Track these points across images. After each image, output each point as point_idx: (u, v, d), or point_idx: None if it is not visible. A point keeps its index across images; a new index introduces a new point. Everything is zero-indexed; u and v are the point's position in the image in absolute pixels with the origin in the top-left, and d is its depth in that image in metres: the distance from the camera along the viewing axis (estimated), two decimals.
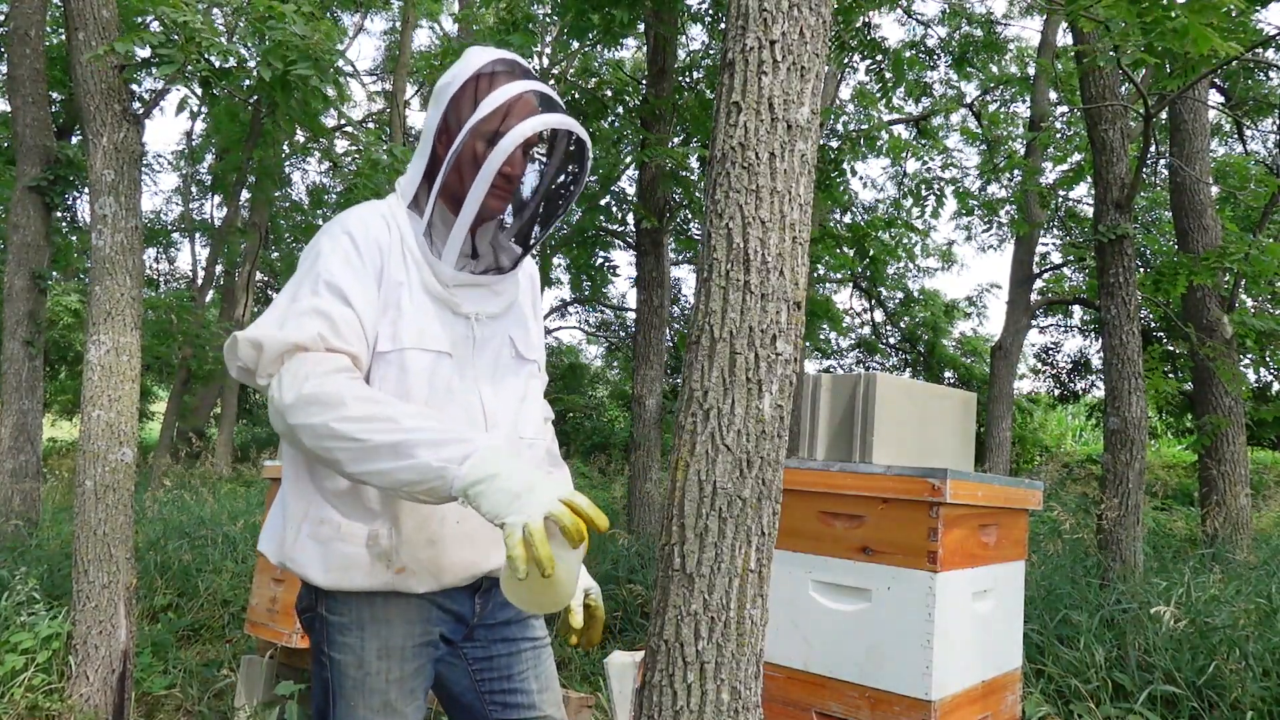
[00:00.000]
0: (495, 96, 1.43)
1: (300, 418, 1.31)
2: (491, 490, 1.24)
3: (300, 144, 10.89)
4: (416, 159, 1.54)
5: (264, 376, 1.38)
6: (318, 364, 1.35)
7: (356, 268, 1.43)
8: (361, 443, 1.28)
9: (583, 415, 17.69)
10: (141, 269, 3.77)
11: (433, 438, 1.28)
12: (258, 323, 1.40)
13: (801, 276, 1.59)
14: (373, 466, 1.29)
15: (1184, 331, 7.18)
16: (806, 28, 1.59)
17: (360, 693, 1.45)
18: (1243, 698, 3.29)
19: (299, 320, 1.37)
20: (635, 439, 6.52)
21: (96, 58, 3.52)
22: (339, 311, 1.39)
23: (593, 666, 4.15)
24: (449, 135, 1.49)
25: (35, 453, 5.97)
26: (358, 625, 1.46)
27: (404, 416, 1.30)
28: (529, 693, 1.61)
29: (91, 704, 3.45)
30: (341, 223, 1.48)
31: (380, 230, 1.48)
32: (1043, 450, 16.02)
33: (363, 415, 1.29)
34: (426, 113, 1.56)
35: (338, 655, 1.46)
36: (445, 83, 1.51)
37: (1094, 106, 5.53)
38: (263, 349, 1.36)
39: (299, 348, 1.36)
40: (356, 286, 1.42)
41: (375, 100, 18.32)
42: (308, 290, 1.41)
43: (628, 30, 6.65)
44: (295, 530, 1.46)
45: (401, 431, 1.27)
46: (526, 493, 1.24)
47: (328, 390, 1.31)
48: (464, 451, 1.27)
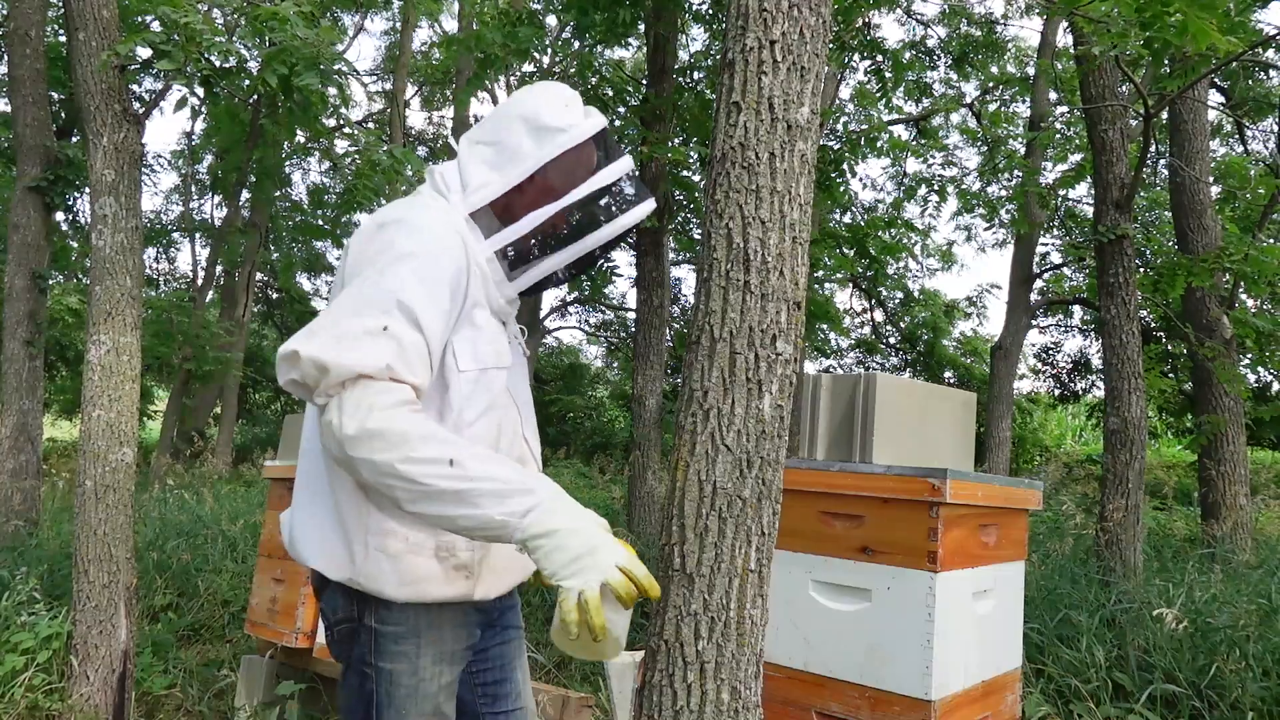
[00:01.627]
0: (611, 173, 1.50)
1: (362, 452, 1.26)
2: (551, 548, 1.24)
3: (300, 144, 10.88)
4: (485, 170, 1.52)
5: (322, 397, 1.31)
6: (382, 395, 1.29)
7: (432, 289, 1.37)
8: (425, 486, 1.25)
9: (583, 415, 17.69)
10: (141, 269, 3.77)
11: (497, 488, 1.26)
12: (315, 335, 1.31)
13: (801, 276, 1.59)
14: (433, 510, 1.27)
15: (1183, 331, 7.18)
16: (806, 28, 1.59)
17: (413, 701, 1.44)
18: (1243, 698, 3.29)
19: (367, 344, 1.30)
20: (635, 439, 6.51)
21: (102, 65, 3.52)
22: (409, 337, 1.32)
23: (593, 666, 4.14)
24: (545, 184, 1.50)
25: (35, 453, 5.97)
26: (413, 634, 1.44)
27: (469, 461, 1.27)
28: (516, 683, 1.64)
29: (92, 704, 3.45)
30: (418, 234, 1.41)
31: (457, 250, 1.44)
32: (1043, 450, 16.02)
33: (428, 458, 1.25)
34: (511, 132, 1.52)
35: (390, 665, 1.44)
36: (555, 127, 1.50)
37: (1094, 106, 5.53)
38: (327, 372, 1.29)
39: (364, 375, 1.29)
40: (430, 311, 1.36)
41: (375, 100, 18.33)
42: (378, 307, 1.33)
43: (629, 30, 6.65)
44: (362, 546, 1.42)
45: (467, 480, 1.25)
46: (588, 555, 1.24)
47: (394, 427, 1.26)
48: (527, 505, 1.25)
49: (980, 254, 44.19)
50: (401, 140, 13.47)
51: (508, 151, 1.51)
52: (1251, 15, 4.88)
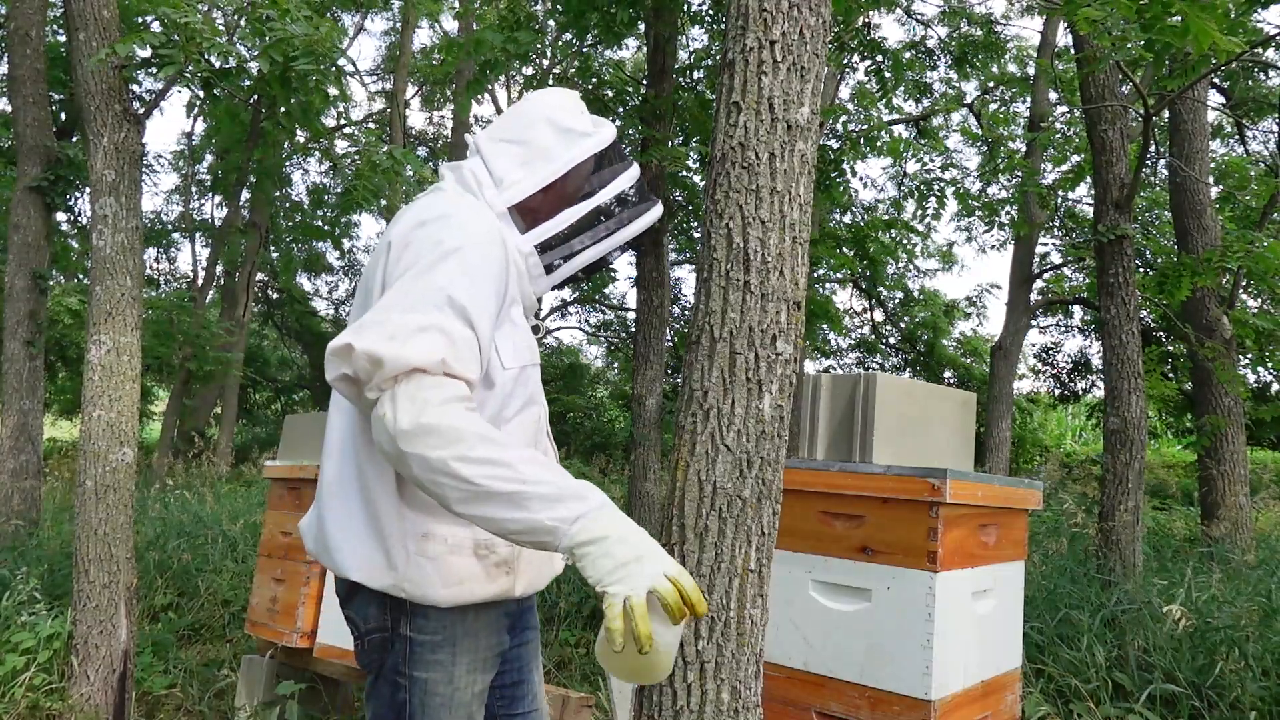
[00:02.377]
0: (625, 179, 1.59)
1: (416, 447, 1.25)
2: (598, 554, 1.22)
3: (300, 144, 10.88)
4: (516, 169, 1.55)
5: (374, 391, 1.29)
6: (436, 390, 1.27)
7: (482, 286, 1.38)
8: (477, 487, 1.23)
9: (583, 415, 17.70)
10: (142, 269, 3.77)
11: (549, 492, 1.24)
12: (366, 330, 1.30)
13: (801, 276, 1.59)
14: (482, 511, 1.25)
15: (1183, 331, 7.18)
16: (806, 28, 1.59)
17: (448, 710, 1.43)
18: (1243, 698, 3.29)
19: (420, 338, 1.29)
20: (635, 439, 6.51)
21: (99, 63, 3.52)
22: (461, 333, 1.32)
23: (593, 666, 4.15)
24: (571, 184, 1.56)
25: (35, 453, 5.97)
26: (450, 641, 1.43)
27: (522, 464, 1.25)
28: (532, 684, 1.63)
29: (92, 704, 3.45)
30: (465, 230, 1.41)
31: (499, 245, 1.45)
32: (1043, 450, 16.02)
33: (483, 458, 1.24)
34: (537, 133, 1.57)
35: (425, 674, 1.42)
36: (581, 131, 1.56)
37: (1094, 107, 5.53)
38: (382, 365, 1.27)
39: (418, 369, 1.28)
40: (480, 307, 1.36)
41: (375, 100, 18.33)
42: (430, 304, 1.32)
43: (628, 30, 6.65)
44: (403, 551, 1.39)
45: (519, 482, 1.24)
46: (634, 562, 1.22)
47: (449, 424, 1.25)
48: (577, 511, 1.24)
49: (981, 254, 44.20)
50: (401, 140, 13.47)
51: (536, 151, 1.54)
52: (1251, 15, 4.87)
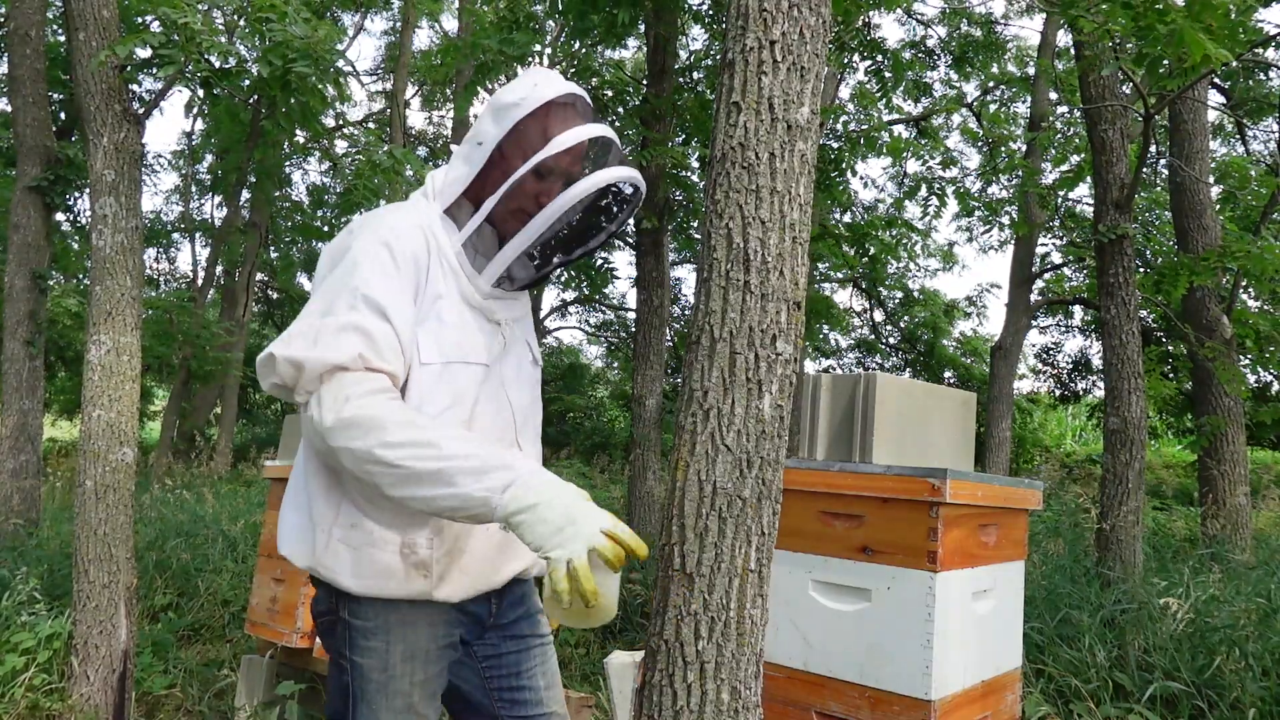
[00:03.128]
0: (568, 137, 1.42)
1: (341, 441, 1.30)
2: (533, 521, 1.24)
3: (300, 144, 10.88)
4: (460, 165, 1.52)
5: (302, 394, 1.36)
6: (357, 384, 1.33)
7: (394, 282, 1.40)
8: (403, 469, 1.27)
9: (583, 415, 17.70)
10: (142, 269, 3.77)
11: (474, 465, 1.27)
12: (291, 338, 1.36)
13: (801, 276, 1.59)
14: (414, 492, 1.28)
15: (1183, 331, 7.18)
16: (806, 28, 1.59)
17: (384, 696, 1.45)
18: (1243, 697, 3.29)
19: (337, 337, 1.34)
20: (635, 439, 6.51)
21: (99, 64, 3.52)
22: (378, 328, 1.36)
23: (593, 666, 4.15)
24: (506, 161, 1.47)
25: (35, 452, 5.97)
26: (383, 629, 1.46)
27: (445, 442, 1.29)
28: (536, 689, 1.62)
29: (92, 704, 3.45)
30: (377, 231, 1.43)
31: (418, 243, 1.45)
32: (1043, 450, 16.02)
33: (404, 441, 1.27)
34: (480, 121, 1.51)
35: (361, 659, 1.46)
36: (510, 102, 1.47)
37: (1094, 107, 5.53)
38: (303, 369, 1.34)
39: (339, 368, 1.34)
40: (395, 301, 1.39)
41: (375, 100, 18.33)
42: (344, 304, 1.37)
43: (629, 30, 6.65)
44: (326, 535, 1.45)
45: (443, 459, 1.27)
46: (569, 525, 1.24)
47: (369, 414, 1.29)
48: (505, 480, 1.26)
49: (981, 254, 44.21)
50: (401, 140, 13.47)
51: (475, 139, 1.51)
52: (1252, 15, 4.87)
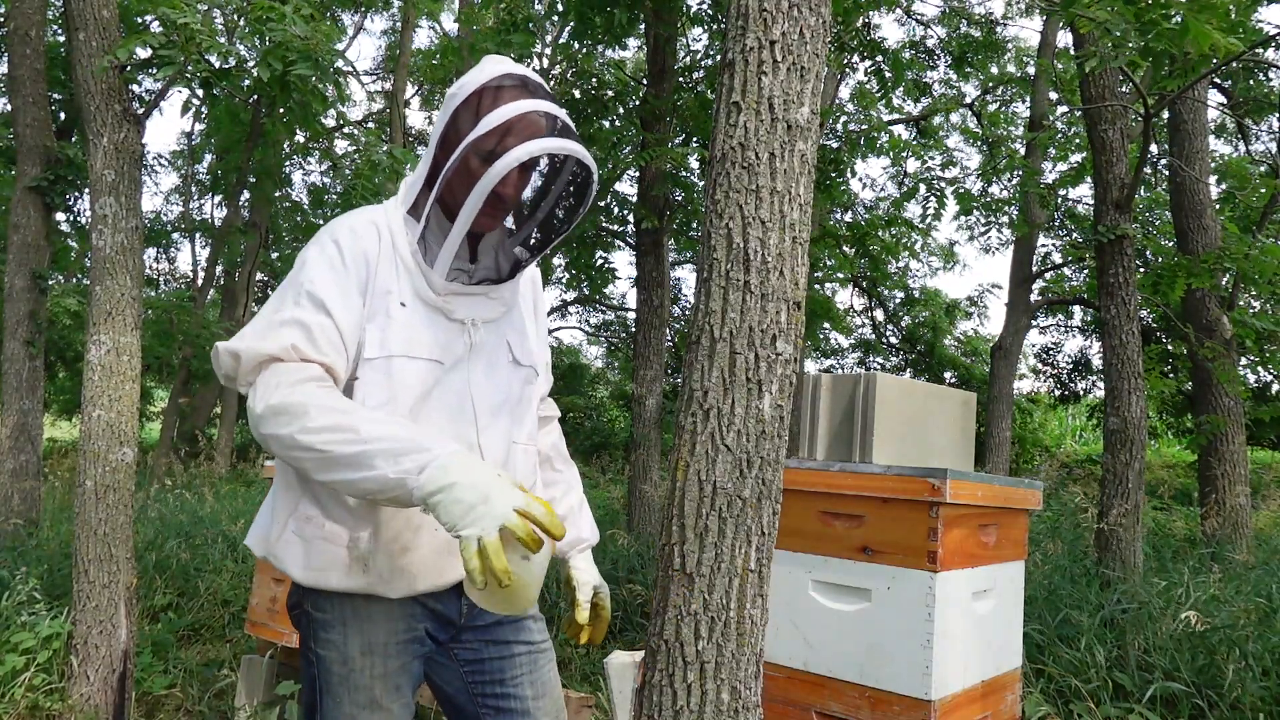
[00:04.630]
0: (496, 115, 1.42)
1: (269, 428, 1.34)
2: (448, 501, 1.25)
3: (300, 144, 10.88)
4: (420, 164, 1.55)
5: (243, 385, 1.42)
6: (288, 374, 1.37)
7: (340, 276, 1.44)
8: (323, 453, 1.30)
9: (583, 415, 17.70)
10: (141, 269, 3.77)
11: (391, 448, 1.28)
12: (242, 332, 1.43)
13: (801, 276, 1.59)
14: (336, 476, 1.32)
15: (1183, 331, 7.18)
16: (806, 28, 1.59)
17: (346, 688, 1.47)
18: (1243, 697, 3.29)
19: (278, 331, 1.40)
20: (635, 439, 6.52)
21: (101, 70, 3.52)
22: (316, 321, 1.41)
23: (593, 666, 4.15)
24: (448, 146, 1.48)
25: (35, 453, 5.97)
26: (340, 622, 1.48)
27: (364, 425, 1.31)
28: (523, 699, 1.60)
29: (92, 704, 3.45)
30: (331, 231, 1.49)
31: (369, 239, 1.48)
32: (1043, 450, 16.02)
33: (324, 425, 1.30)
34: (436, 117, 1.55)
35: (323, 651, 1.49)
36: (453, 91, 1.50)
37: (1094, 106, 5.53)
38: (240, 359, 1.39)
39: (273, 358, 1.39)
40: (337, 295, 1.43)
41: (375, 100, 18.32)
42: (290, 300, 1.43)
43: (628, 31, 6.65)
44: (281, 525, 1.49)
45: (361, 442, 1.29)
46: (481, 504, 1.24)
47: (294, 400, 1.33)
48: (421, 462, 1.27)
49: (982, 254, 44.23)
50: (401, 140, 13.47)
51: (430, 140, 1.53)
52: (1252, 15, 4.87)
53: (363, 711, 1.47)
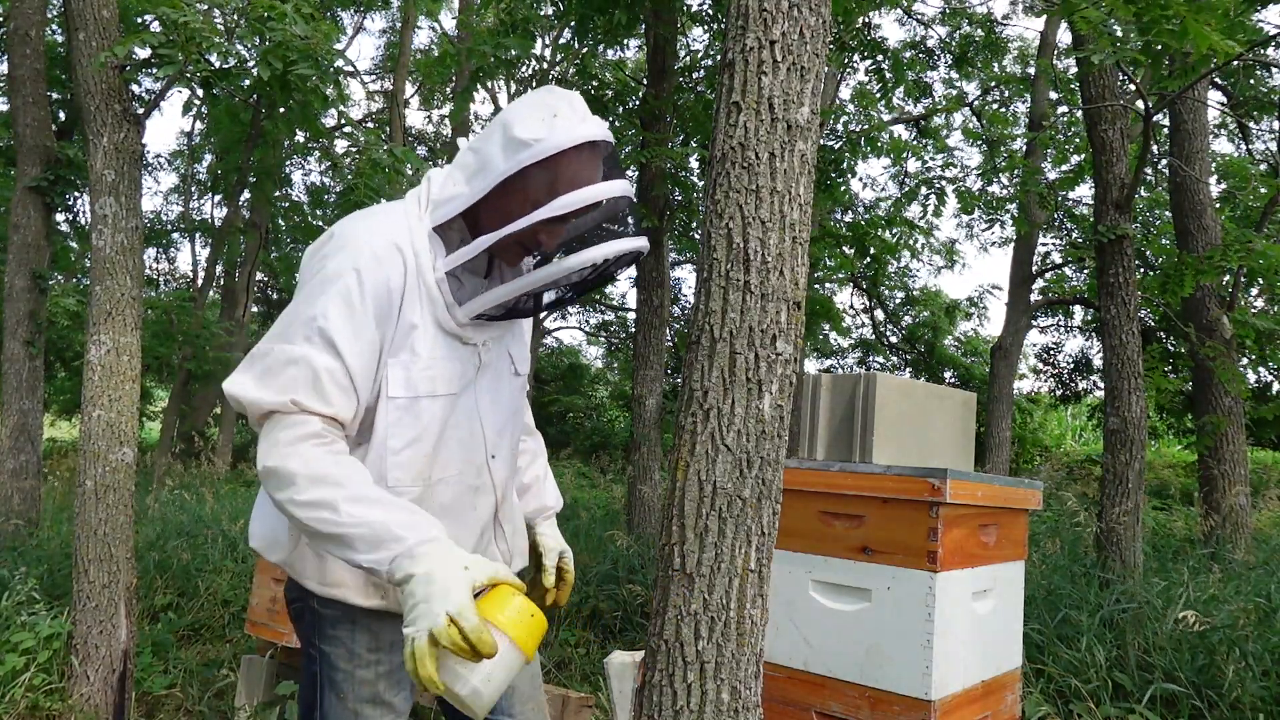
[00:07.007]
0: (572, 200, 1.35)
1: (267, 487, 1.36)
2: (406, 594, 1.25)
3: (300, 144, 10.88)
4: (460, 182, 1.44)
5: (255, 425, 1.40)
6: (287, 430, 1.34)
7: (355, 314, 1.36)
8: (309, 528, 1.32)
9: (583, 415, 17.70)
10: (141, 269, 3.77)
11: (367, 534, 1.28)
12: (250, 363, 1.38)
13: (801, 276, 1.59)
14: (323, 547, 1.35)
15: (1183, 331, 7.18)
16: (806, 28, 1.59)
17: (350, 684, 1.48)
18: (1243, 697, 3.29)
19: (281, 372, 1.35)
20: (635, 439, 6.51)
21: (99, 66, 3.52)
22: (325, 364, 1.35)
23: (593, 666, 4.15)
24: (508, 201, 1.40)
25: (35, 453, 5.97)
26: (348, 619, 1.49)
27: (345, 505, 1.29)
28: (506, 695, 1.62)
29: (92, 704, 3.45)
30: (354, 254, 1.38)
31: (394, 268, 1.39)
32: (1043, 450, 16.02)
33: (309, 501, 1.30)
34: (489, 139, 1.42)
35: (327, 648, 1.49)
36: (522, 140, 1.37)
37: (1094, 106, 5.53)
38: (245, 409, 1.38)
39: (272, 411, 1.36)
40: (350, 336, 1.36)
41: (375, 100, 18.32)
42: (300, 334, 1.36)
43: (629, 31, 6.65)
44: (294, 538, 1.49)
45: (340, 525, 1.29)
46: (424, 603, 1.22)
47: (286, 467, 1.32)
48: (392, 554, 1.27)
49: (982, 253, 44.24)
50: (401, 139, 13.47)
51: (482, 160, 1.42)
52: (1251, 15, 4.86)
53: (366, 707, 1.47)
